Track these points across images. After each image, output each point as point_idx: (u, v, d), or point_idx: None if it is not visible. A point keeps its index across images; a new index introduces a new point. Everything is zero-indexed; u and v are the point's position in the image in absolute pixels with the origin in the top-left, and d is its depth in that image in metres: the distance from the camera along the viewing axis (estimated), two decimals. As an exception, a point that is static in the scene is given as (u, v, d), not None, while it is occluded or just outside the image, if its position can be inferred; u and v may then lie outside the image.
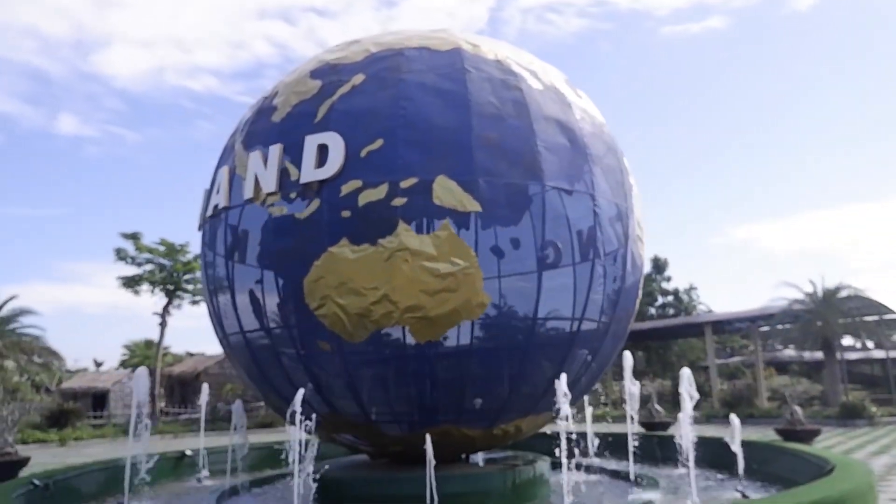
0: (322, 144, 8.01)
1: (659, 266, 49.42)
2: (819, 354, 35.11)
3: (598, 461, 11.52)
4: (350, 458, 11.06)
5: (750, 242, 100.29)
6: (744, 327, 39.06)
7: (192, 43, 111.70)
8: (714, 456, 10.20)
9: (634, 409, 9.68)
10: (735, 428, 9.31)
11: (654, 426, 18.80)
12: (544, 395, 8.90)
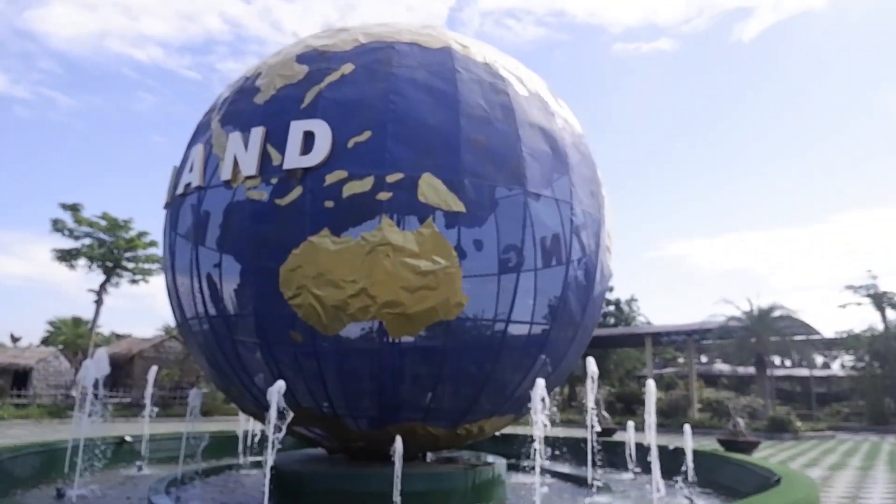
0: (308, 131, 7.86)
1: (602, 276, 50.48)
2: (746, 369, 36.88)
3: (549, 465, 11.76)
4: (304, 452, 10.88)
5: (682, 258, 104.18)
6: (680, 340, 40.50)
7: (139, 10, 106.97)
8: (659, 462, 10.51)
9: (597, 415, 9.85)
10: (687, 437, 9.67)
11: (601, 432, 19.22)
12: (510, 397, 9.02)
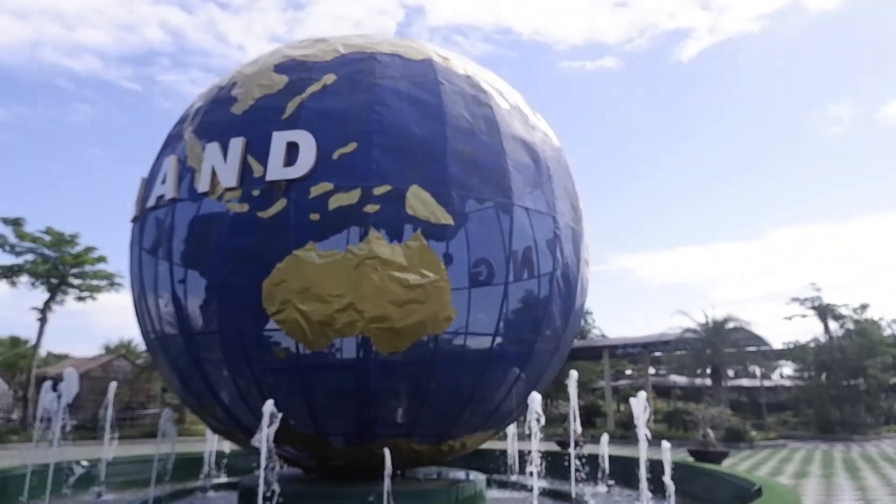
0: (292, 142, 7.68)
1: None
2: (700, 381, 37.80)
3: (523, 479, 11.72)
4: (279, 472, 10.51)
5: (628, 272, 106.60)
6: (636, 352, 41.26)
7: (74, 19, 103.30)
8: (627, 474, 10.61)
9: (577, 428, 9.85)
10: (665, 451, 9.70)
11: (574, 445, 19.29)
12: (494, 412, 8.95)
